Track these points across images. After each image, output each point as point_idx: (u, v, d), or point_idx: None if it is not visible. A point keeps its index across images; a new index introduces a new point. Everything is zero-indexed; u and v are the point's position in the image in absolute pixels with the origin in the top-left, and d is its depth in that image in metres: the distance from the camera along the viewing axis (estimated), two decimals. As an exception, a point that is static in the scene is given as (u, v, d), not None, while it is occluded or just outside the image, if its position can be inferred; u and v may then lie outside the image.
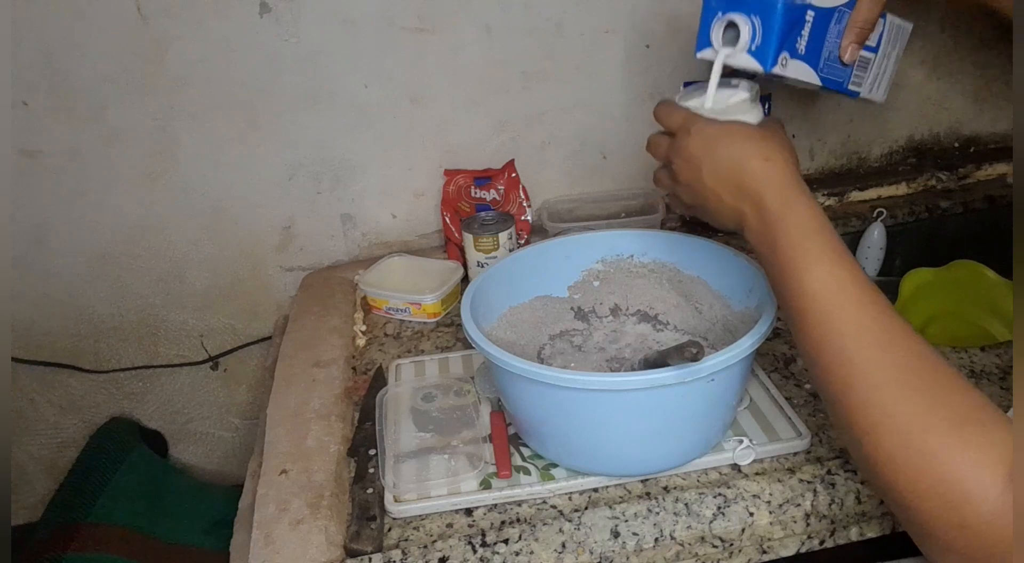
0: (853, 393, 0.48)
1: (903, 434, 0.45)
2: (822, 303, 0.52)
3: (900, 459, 0.45)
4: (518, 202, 1.04)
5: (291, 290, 1.08)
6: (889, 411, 0.46)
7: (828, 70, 0.70)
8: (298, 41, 0.95)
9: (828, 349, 0.50)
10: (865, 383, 0.48)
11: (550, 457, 0.68)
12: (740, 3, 0.64)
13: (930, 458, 0.44)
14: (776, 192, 0.56)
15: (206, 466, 1.20)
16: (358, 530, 0.63)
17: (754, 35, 0.64)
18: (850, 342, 0.49)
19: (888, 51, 0.76)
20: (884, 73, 0.77)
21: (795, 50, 0.66)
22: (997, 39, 1.14)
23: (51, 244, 1.01)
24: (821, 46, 0.68)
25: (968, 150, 1.22)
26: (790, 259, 0.54)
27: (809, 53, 0.67)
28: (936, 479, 0.43)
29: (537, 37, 1.01)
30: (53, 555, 0.88)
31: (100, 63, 0.92)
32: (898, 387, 0.47)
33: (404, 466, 0.69)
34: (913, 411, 0.46)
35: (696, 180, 0.61)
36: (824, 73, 0.70)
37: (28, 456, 1.13)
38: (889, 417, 0.46)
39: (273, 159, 1.01)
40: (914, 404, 0.46)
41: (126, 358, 1.10)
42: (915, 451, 0.45)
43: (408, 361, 0.85)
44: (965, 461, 0.43)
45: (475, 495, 0.66)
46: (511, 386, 0.65)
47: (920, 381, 0.47)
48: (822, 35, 0.67)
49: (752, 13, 0.64)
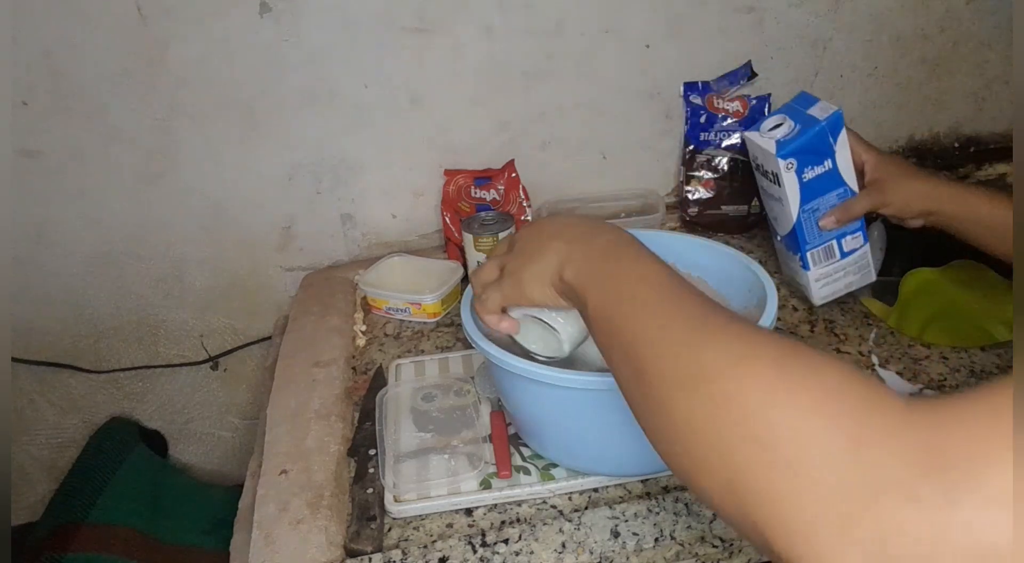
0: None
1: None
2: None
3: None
4: (518, 202, 1.04)
5: (291, 290, 1.08)
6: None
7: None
8: (298, 41, 0.95)
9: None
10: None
11: (550, 457, 0.68)
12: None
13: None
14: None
15: (206, 466, 1.20)
16: (358, 530, 0.63)
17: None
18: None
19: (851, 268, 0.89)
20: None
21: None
22: (997, 39, 1.14)
23: (51, 244, 1.01)
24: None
25: (968, 150, 1.22)
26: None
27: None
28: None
29: (537, 37, 1.01)
30: (53, 555, 0.88)
31: (100, 63, 0.92)
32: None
33: (404, 466, 0.69)
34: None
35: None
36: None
37: (28, 456, 1.13)
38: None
39: (273, 159, 1.01)
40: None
41: (126, 358, 1.10)
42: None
43: (408, 361, 0.85)
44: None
45: (475, 495, 0.66)
46: (511, 386, 0.65)
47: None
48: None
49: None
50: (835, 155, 0.81)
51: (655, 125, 1.10)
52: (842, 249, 0.86)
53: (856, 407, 0.31)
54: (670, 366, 0.39)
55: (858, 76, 1.13)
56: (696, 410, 0.36)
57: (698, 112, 1.07)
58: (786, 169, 0.80)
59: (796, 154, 0.80)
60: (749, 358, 0.36)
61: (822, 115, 0.80)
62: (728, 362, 0.36)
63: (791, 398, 0.33)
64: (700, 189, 1.07)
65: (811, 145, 0.80)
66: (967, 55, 1.15)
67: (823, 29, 1.09)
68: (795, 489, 0.30)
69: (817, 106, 0.81)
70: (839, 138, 0.80)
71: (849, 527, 0.28)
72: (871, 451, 0.29)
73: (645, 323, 0.43)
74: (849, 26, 1.09)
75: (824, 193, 0.82)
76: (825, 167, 0.81)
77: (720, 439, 0.34)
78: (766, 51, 1.08)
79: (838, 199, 0.83)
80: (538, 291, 0.55)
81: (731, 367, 0.36)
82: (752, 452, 0.32)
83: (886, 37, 1.11)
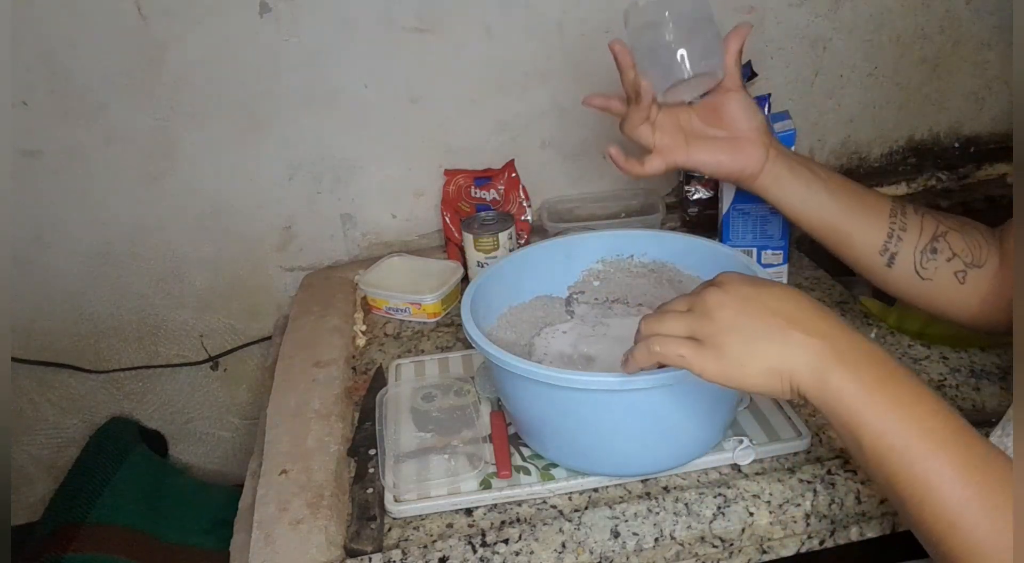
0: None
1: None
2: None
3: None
4: (518, 202, 1.04)
5: (291, 290, 1.08)
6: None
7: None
8: (298, 41, 0.95)
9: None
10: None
11: (550, 457, 0.68)
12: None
13: None
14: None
15: (206, 466, 1.20)
16: (358, 530, 0.63)
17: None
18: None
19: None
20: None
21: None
22: (997, 39, 1.14)
23: (51, 244, 1.01)
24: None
25: (968, 150, 1.22)
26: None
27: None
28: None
29: (537, 37, 1.01)
30: (53, 555, 0.88)
31: (100, 63, 0.92)
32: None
33: (404, 466, 0.69)
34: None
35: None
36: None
37: (28, 456, 1.13)
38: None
39: (273, 159, 1.01)
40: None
41: (126, 358, 1.10)
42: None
43: (408, 361, 0.85)
44: None
45: (475, 495, 0.66)
46: (511, 386, 0.65)
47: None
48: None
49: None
50: None
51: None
52: (760, 264, 0.88)
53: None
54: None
55: (858, 76, 1.13)
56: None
57: (698, 112, 1.07)
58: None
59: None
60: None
61: (779, 130, 0.82)
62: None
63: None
64: (700, 189, 1.07)
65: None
66: (967, 55, 1.15)
67: (823, 29, 1.09)
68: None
69: (783, 122, 0.85)
70: None
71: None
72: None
73: (943, 464, 0.45)
74: (849, 26, 1.09)
75: (759, 201, 0.80)
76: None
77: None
78: (766, 51, 1.08)
79: (771, 212, 0.87)
80: (761, 380, 0.49)
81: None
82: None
83: (886, 37, 1.11)
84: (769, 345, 0.49)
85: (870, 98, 1.15)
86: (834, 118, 1.15)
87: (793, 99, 1.12)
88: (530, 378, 0.59)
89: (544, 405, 0.63)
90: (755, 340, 0.49)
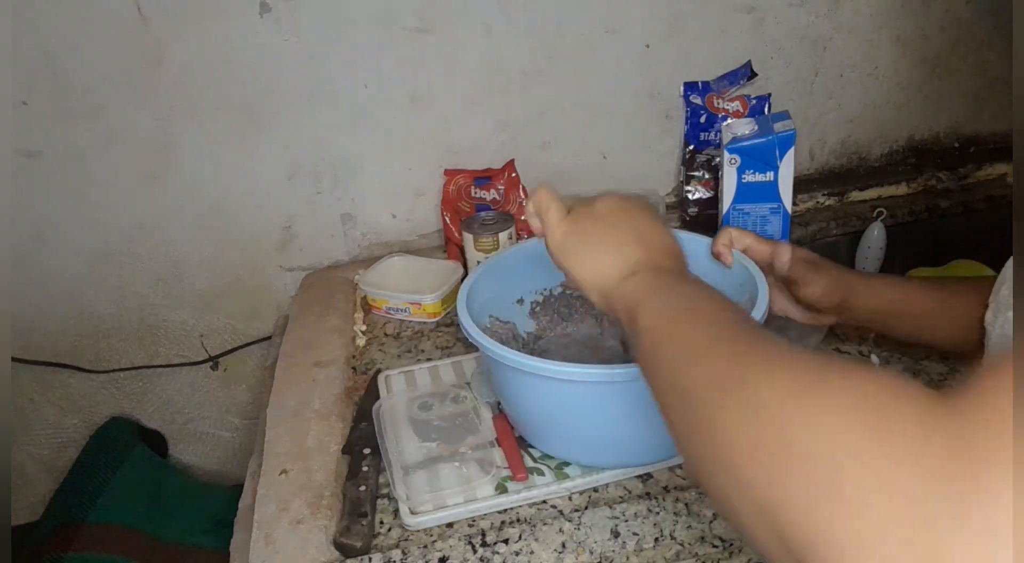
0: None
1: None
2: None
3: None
4: (518, 202, 1.04)
5: (291, 290, 1.08)
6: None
7: None
8: (298, 41, 0.95)
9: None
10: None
11: (559, 455, 0.68)
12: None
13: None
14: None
15: (206, 466, 1.20)
16: (348, 525, 0.63)
17: None
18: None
19: None
20: None
21: None
22: (997, 39, 1.14)
23: (51, 244, 1.01)
24: None
25: (968, 150, 1.22)
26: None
27: None
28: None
29: (537, 37, 1.01)
30: (53, 555, 0.88)
31: (100, 63, 0.92)
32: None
33: (414, 478, 0.68)
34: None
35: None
36: None
37: (28, 456, 1.13)
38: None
39: (273, 159, 1.01)
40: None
41: (126, 358, 1.10)
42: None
43: (397, 372, 0.84)
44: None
45: (493, 500, 0.65)
46: (510, 382, 0.64)
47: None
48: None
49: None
50: (778, 170, 0.88)
51: (655, 125, 1.10)
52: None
53: (900, 420, 0.28)
54: (714, 377, 0.37)
55: (858, 76, 1.13)
56: (735, 419, 0.33)
57: (698, 112, 1.07)
58: (729, 163, 0.89)
59: (742, 153, 0.88)
60: (785, 364, 0.34)
61: (779, 130, 0.86)
62: (766, 368, 0.35)
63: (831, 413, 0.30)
64: (700, 189, 1.07)
65: (757, 151, 0.88)
66: (967, 55, 1.15)
67: (823, 29, 1.09)
68: (837, 513, 0.27)
69: (783, 122, 0.88)
70: (786, 155, 0.86)
71: (897, 555, 0.25)
72: (916, 468, 0.26)
73: (699, 338, 0.42)
74: (849, 26, 1.09)
75: (758, 201, 0.88)
76: (767, 177, 0.89)
77: (757, 448, 0.31)
78: (766, 51, 1.08)
79: (771, 213, 0.91)
80: (589, 281, 0.53)
81: (767, 373, 0.34)
82: (792, 467, 0.29)
83: (886, 37, 1.11)
84: (612, 251, 0.53)
85: (870, 98, 1.15)
86: (834, 118, 1.15)
87: (793, 99, 1.12)
88: (532, 373, 0.59)
89: (547, 400, 0.63)
90: (606, 249, 0.54)
